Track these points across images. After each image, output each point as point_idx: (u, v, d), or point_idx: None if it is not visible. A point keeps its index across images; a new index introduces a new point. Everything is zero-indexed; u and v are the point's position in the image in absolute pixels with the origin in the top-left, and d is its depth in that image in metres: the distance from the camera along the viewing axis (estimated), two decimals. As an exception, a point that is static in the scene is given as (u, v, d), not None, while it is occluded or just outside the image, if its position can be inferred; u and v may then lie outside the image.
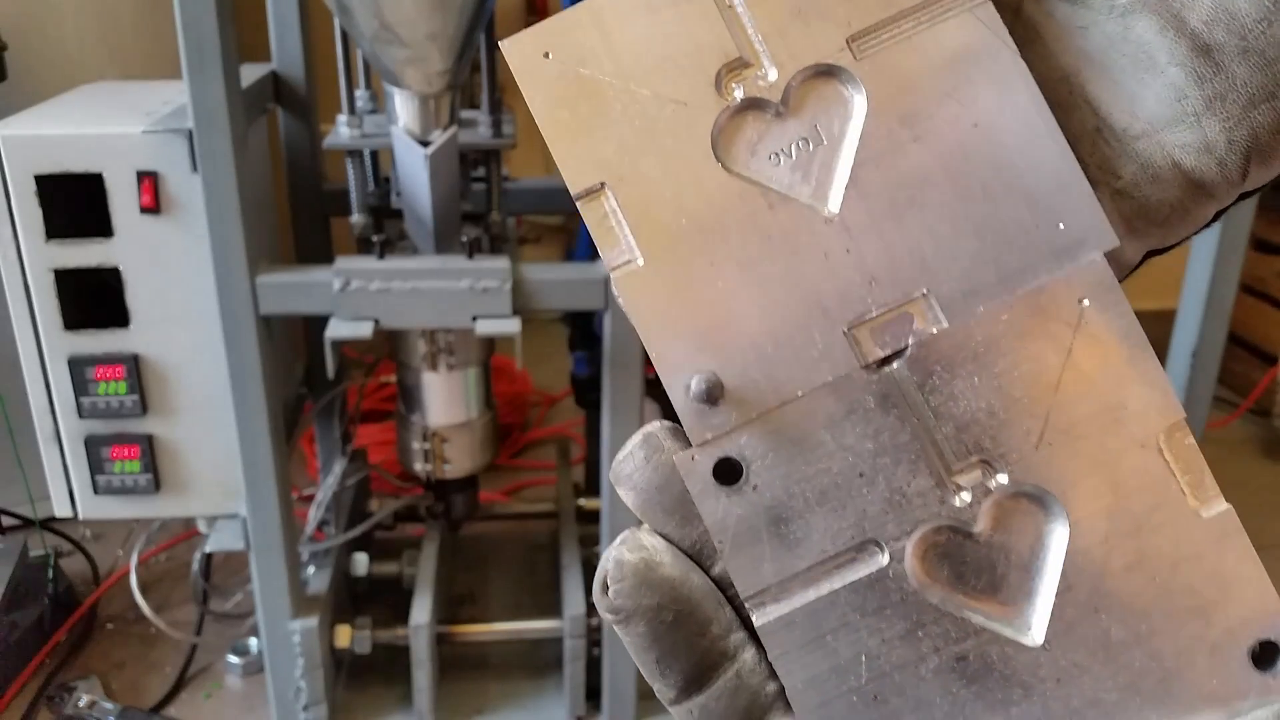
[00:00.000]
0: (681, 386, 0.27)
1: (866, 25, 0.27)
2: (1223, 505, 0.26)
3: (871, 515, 0.26)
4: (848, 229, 0.27)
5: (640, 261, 0.27)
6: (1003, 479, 0.26)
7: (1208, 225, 0.29)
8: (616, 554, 0.27)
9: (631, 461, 0.28)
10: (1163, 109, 0.27)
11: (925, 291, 0.27)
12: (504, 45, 0.29)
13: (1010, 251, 0.27)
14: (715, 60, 0.27)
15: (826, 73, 0.27)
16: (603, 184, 0.28)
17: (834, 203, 0.27)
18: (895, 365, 0.27)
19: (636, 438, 0.28)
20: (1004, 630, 0.27)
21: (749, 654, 0.27)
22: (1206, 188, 0.27)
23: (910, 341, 0.27)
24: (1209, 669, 0.26)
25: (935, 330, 0.27)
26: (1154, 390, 0.26)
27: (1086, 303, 0.26)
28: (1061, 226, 0.27)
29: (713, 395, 0.27)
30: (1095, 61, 0.27)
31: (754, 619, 0.27)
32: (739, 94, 0.27)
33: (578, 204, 0.28)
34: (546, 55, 0.29)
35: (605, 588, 0.27)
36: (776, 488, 0.27)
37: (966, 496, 0.26)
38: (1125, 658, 0.26)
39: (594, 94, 0.28)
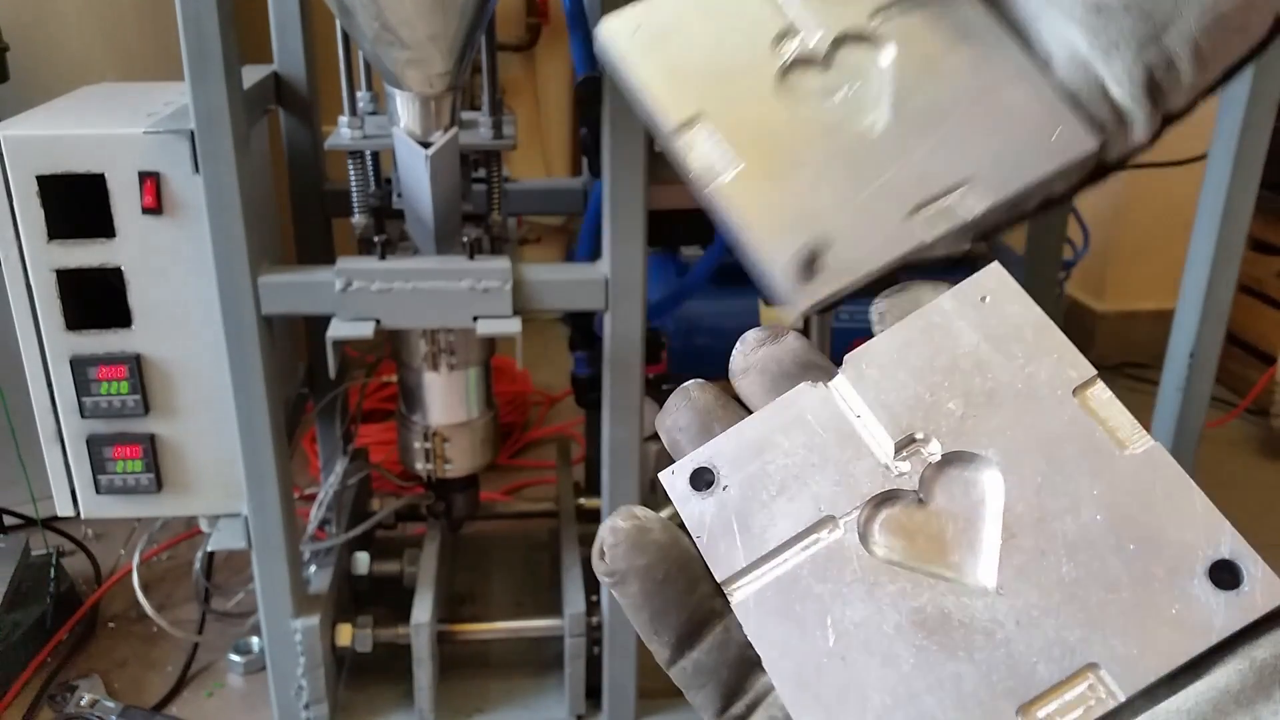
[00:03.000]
0: (782, 263, 0.33)
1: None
2: (1149, 442, 0.28)
3: (825, 496, 0.30)
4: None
5: (741, 166, 0.34)
6: (935, 448, 0.30)
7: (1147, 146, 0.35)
8: (611, 523, 0.31)
9: (670, 405, 0.33)
10: (1086, 50, 0.33)
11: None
12: (604, 23, 0.36)
13: None
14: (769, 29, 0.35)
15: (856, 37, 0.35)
16: (698, 113, 0.35)
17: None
18: (836, 378, 0.32)
19: (675, 394, 0.34)
20: (956, 581, 0.29)
21: None
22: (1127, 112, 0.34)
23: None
24: (1169, 597, 0.27)
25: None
26: (1062, 356, 0.30)
27: (988, 299, 0.31)
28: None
29: (812, 262, 0.33)
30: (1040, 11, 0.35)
31: (730, 601, 0.30)
32: (790, 50, 0.35)
33: (674, 138, 0.35)
34: (638, 28, 0.36)
35: (602, 554, 0.31)
36: (744, 486, 0.31)
37: (906, 467, 0.30)
38: (1082, 595, 0.27)
39: (678, 53, 0.35)
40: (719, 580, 0.30)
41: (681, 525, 0.32)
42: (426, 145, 1.29)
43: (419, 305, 1.36)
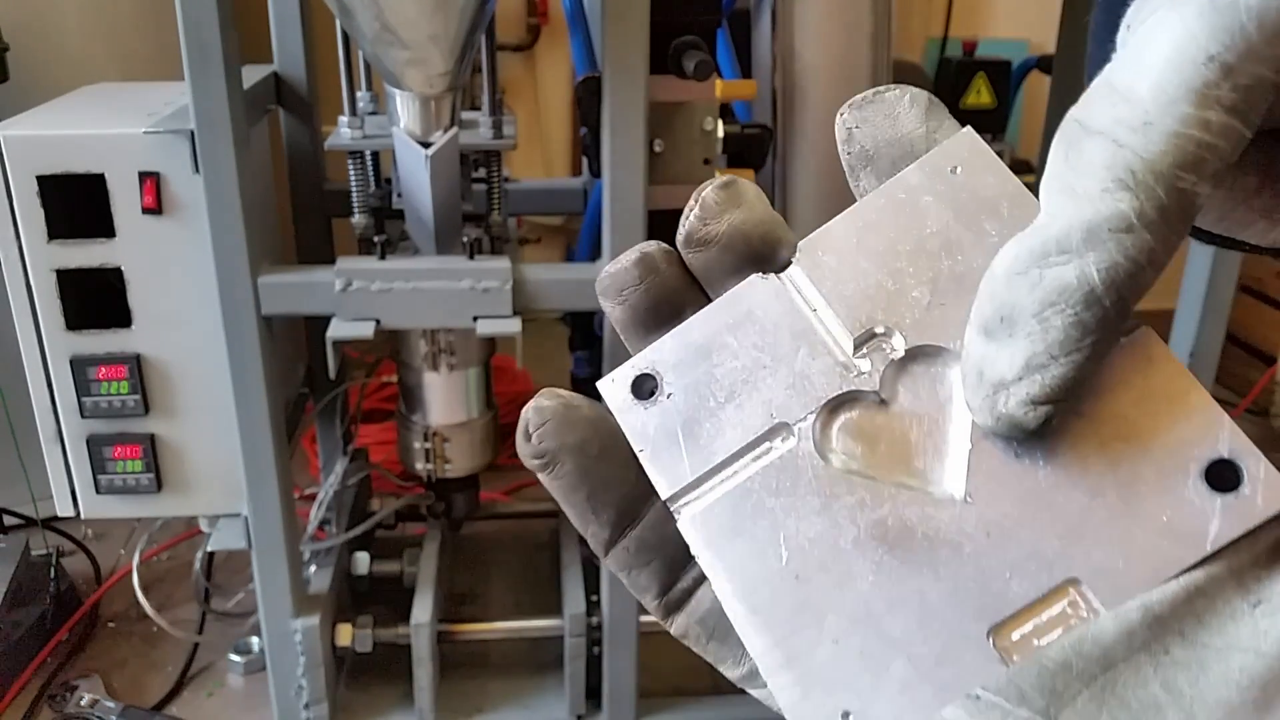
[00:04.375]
0: None
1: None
2: (1141, 328, 0.25)
3: (777, 402, 0.27)
4: None
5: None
6: (899, 343, 0.27)
7: None
8: (535, 403, 0.29)
9: (626, 276, 0.29)
10: None
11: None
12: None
13: None
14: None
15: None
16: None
17: None
18: (790, 268, 0.28)
19: (633, 254, 0.29)
20: (920, 489, 0.26)
21: None
22: None
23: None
24: (1159, 502, 0.24)
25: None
26: None
27: (959, 170, 0.27)
28: None
29: None
30: None
31: (676, 520, 0.27)
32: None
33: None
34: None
35: (528, 435, 0.28)
36: (689, 393, 0.28)
37: (866, 365, 0.27)
38: (1061, 502, 0.24)
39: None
40: (663, 497, 0.27)
41: None
42: (426, 145, 1.29)
43: (419, 305, 1.36)
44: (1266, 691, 0.22)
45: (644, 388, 0.28)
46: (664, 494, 0.27)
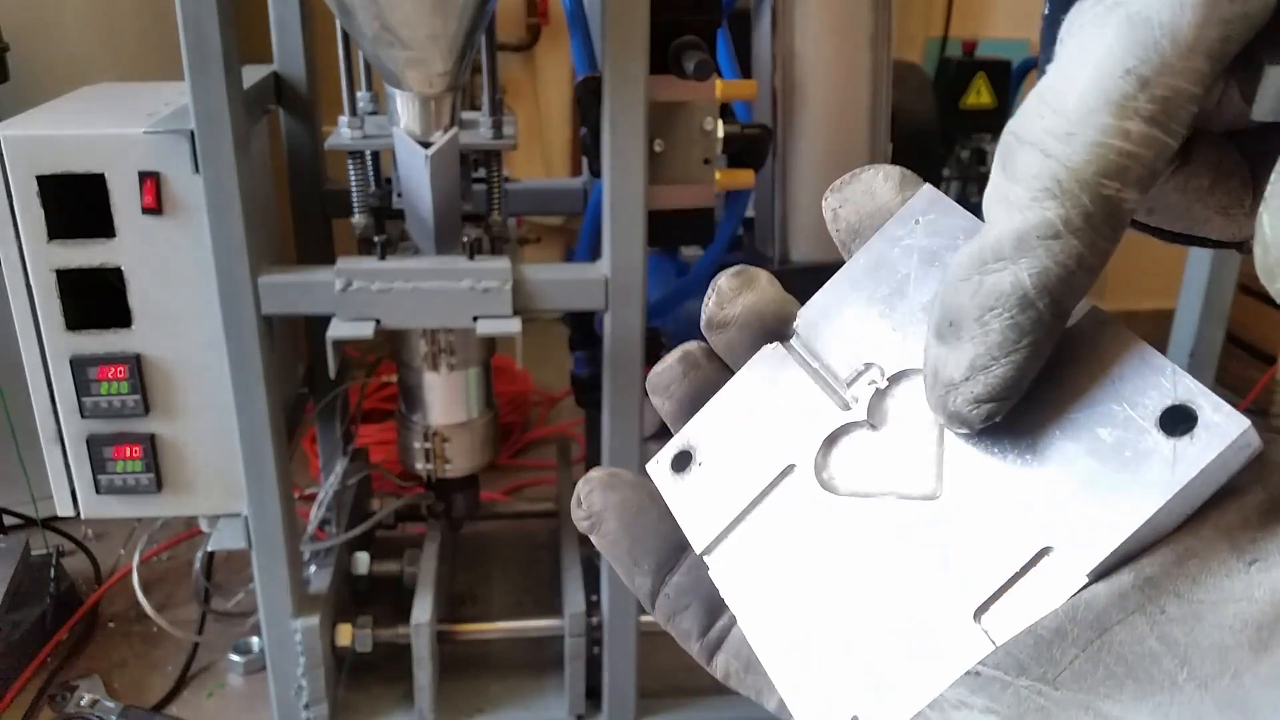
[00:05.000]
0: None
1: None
2: (1085, 306, 0.26)
3: (787, 449, 0.31)
4: None
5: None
6: (882, 375, 0.30)
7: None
8: (585, 477, 0.33)
9: (671, 373, 0.34)
10: None
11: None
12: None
13: None
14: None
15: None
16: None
17: None
18: (793, 337, 0.32)
19: (675, 354, 0.34)
20: (907, 495, 0.28)
21: None
22: None
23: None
24: (1120, 459, 0.24)
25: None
26: None
27: (920, 220, 0.30)
28: None
29: None
30: None
31: (710, 568, 0.31)
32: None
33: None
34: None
35: (579, 502, 0.33)
36: (716, 459, 0.32)
37: (856, 402, 0.30)
38: (1031, 481, 0.25)
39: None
40: (698, 552, 0.31)
41: None
42: (426, 145, 1.29)
43: (419, 305, 1.36)
44: (1261, 633, 0.22)
45: (681, 462, 0.32)
46: (698, 549, 0.31)
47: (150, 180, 1.29)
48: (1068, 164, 0.23)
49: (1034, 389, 0.26)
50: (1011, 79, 2.49)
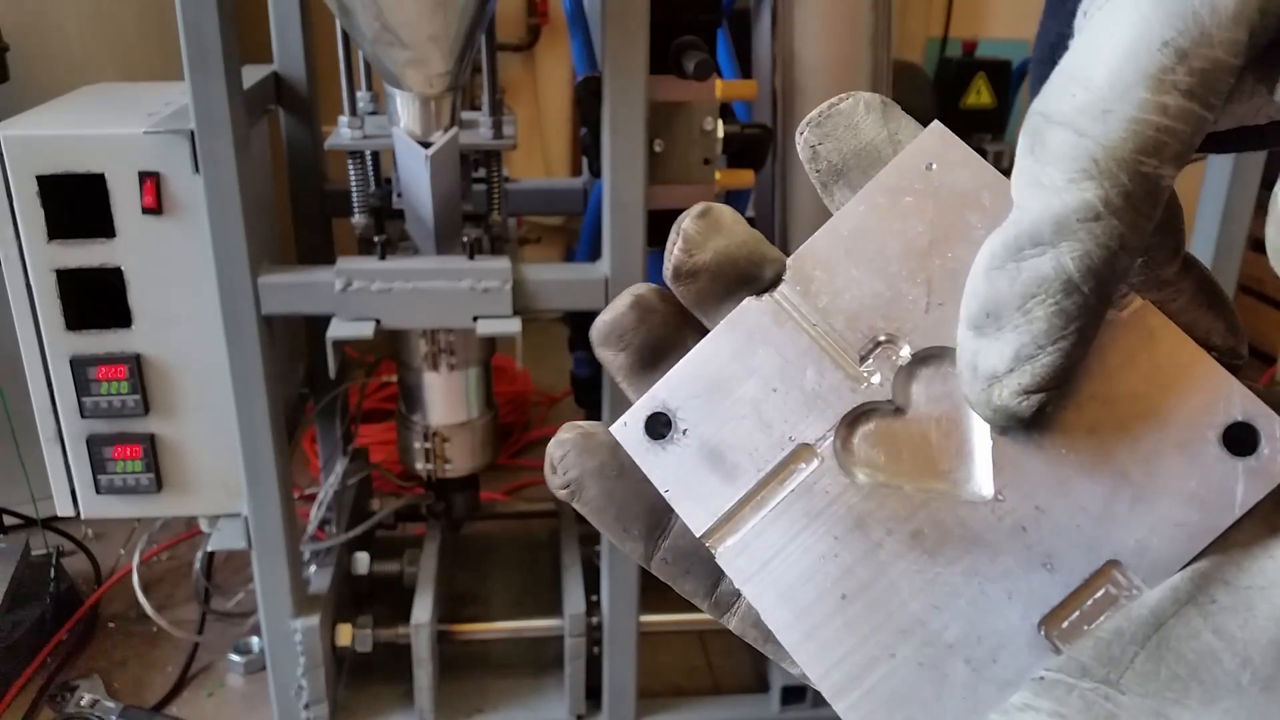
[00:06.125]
0: None
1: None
2: (1137, 302, 0.25)
3: (794, 424, 0.27)
4: None
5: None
6: (905, 351, 0.27)
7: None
8: (555, 439, 0.30)
9: (624, 320, 0.29)
10: None
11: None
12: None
13: None
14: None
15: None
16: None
17: None
18: (781, 286, 0.28)
19: (626, 298, 0.29)
20: (951, 493, 0.26)
21: None
22: None
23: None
24: (1184, 473, 0.24)
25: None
26: None
27: (934, 166, 0.27)
28: None
29: None
30: None
31: (715, 555, 0.27)
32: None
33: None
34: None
35: (553, 468, 0.30)
36: (704, 427, 0.28)
37: (877, 378, 0.27)
38: (1089, 487, 0.25)
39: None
40: (697, 535, 0.27)
41: None
42: (426, 145, 1.29)
43: (419, 305, 1.36)
44: None
45: (658, 427, 0.28)
46: (697, 532, 0.27)
47: (150, 180, 1.29)
48: (1104, 142, 0.22)
49: (1081, 384, 0.25)
50: (1011, 79, 2.49)
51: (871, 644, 0.26)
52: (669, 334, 0.29)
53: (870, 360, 0.27)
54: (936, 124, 0.27)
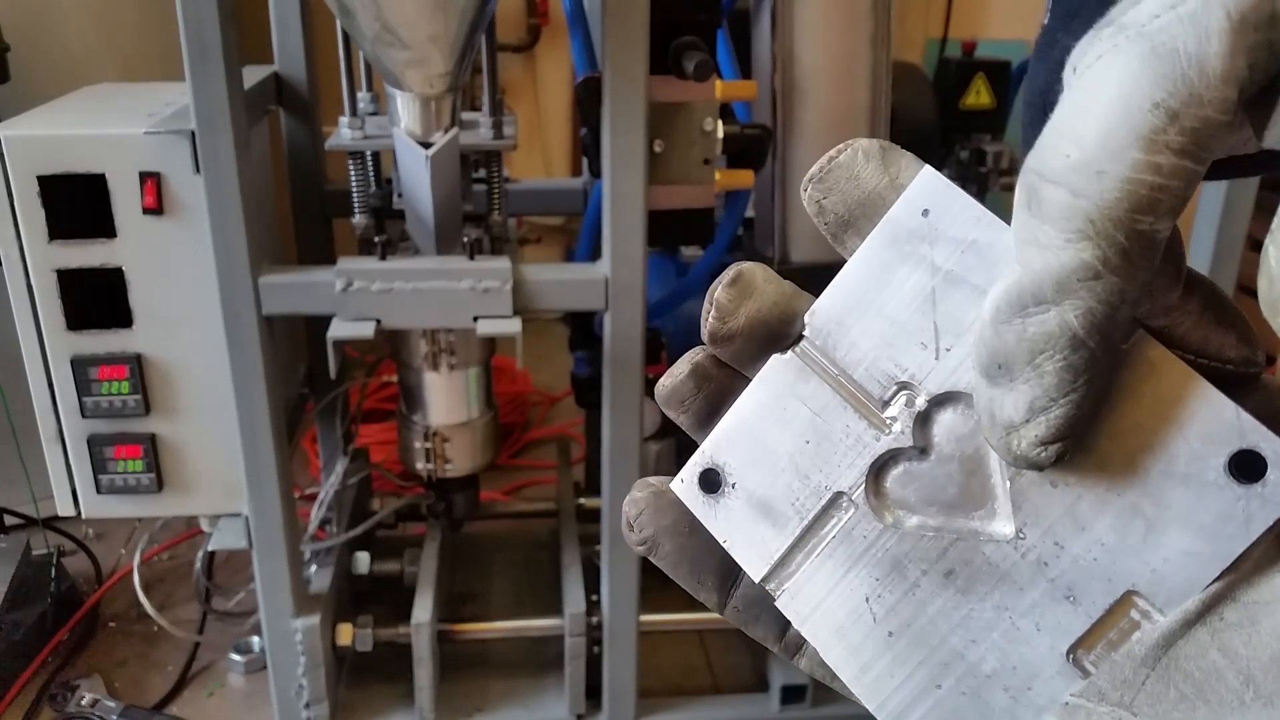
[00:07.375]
0: None
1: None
2: (1137, 333, 0.25)
3: (828, 472, 0.29)
4: None
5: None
6: (922, 398, 0.28)
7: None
8: (630, 496, 0.32)
9: (684, 389, 0.32)
10: None
11: None
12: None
13: None
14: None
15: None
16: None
17: None
18: (803, 340, 0.30)
19: (684, 365, 0.32)
20: (977, 532, 0.28)
21: None
22: None
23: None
24: (1195, 504, 0.25)
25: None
26: None
27: (930, 211, 0.28)
28: None
29: None
30: None
31: (775, 600, 0.30)
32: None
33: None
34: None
35: (630, 527, 0.32)
36: (749, 480, 0.30)
37: (899, 424, 0.28)
38: (1104, 521, 0.26)
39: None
40: (756, 581, 0.30)
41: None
42: (427, 145, 1.29)
43: (419, 305, 1.36)
44: None
45: (710, 483, 0.31)
46: (756, 578, 0.30)
47: (151, 180, 1.29)
48: (1099, 203, 0.22)
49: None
50: (1011, 79, 2.49)
51: (919, 677, 0.28)
52: (726, 393, 0.31)
53: (892, 406, 0.28)
54: (927, 169, 0.28)
